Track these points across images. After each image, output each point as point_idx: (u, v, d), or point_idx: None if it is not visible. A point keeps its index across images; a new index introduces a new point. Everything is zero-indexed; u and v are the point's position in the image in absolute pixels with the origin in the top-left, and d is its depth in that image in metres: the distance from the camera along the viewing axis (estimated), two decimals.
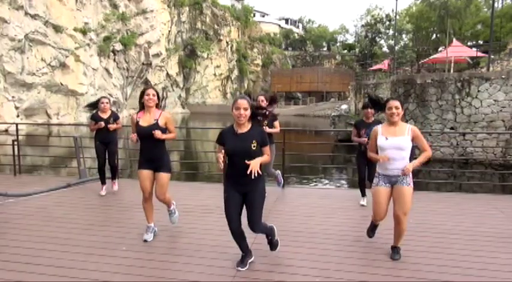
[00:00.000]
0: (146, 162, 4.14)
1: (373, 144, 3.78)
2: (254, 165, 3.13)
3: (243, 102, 3.22)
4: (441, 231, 4.55)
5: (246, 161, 3.15)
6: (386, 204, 3.71)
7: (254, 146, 3.24)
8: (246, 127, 3.30)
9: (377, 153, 3.73)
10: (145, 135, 4.04)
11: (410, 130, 3.61)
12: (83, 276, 3.36)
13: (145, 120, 4.08)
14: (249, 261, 3.56)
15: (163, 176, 4.14)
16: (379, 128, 3.73)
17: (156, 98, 4.09)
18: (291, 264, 3.65)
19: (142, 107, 4.14)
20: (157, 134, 3.99)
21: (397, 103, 3.60)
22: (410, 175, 3.63)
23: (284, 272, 3.48)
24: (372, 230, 4.03)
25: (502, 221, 4.98)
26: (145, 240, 4.15)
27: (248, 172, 3.12)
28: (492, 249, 4.01)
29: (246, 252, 3.55)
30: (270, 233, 3.61)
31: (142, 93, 4.09)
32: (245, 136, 3.27)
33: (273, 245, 3.67)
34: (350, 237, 4.33)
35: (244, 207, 3.43)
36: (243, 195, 3.38)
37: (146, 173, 4.13)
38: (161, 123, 4.09)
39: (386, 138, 3.60)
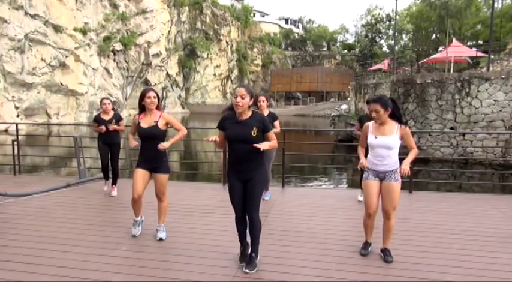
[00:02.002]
0: (145, 162, 4.17)
1: (363, 140, 3.87)
2: (263, 146, 3.17)
3: (241, 90, 3.27)
4: (441, 231, 4.55)
5: (254, 145, 3.18)
6: (377, 197, 3.74)
7: (254, 133, 3.28)
8: (246, 115, 3.34)
9: (367, 148, 3.83)
10: (145, 136, 4.10)
11: (399, 129, 3.64)
12: (84, 276, 3.35)
13: (146, 122, 4.13)
14: (250, 253, 3.50)
15: (162, 177, 4.17)
16: (370, 125, 3.77)
17: (156, 100, 4.14)
18: (292, 264, 3.64)
19: (142, 108, 4.17)
20: (162, 146, 4.04)
21: (376, 106, 3.58)
22: (398, 171, 3.68)
23: (286, 272, 3.48)
24: (364, 247, 3.89)
25: (502, 220, 4.98)
26: (133, 236, 4.24)
27: (256, 146, 3.16)
28: (492, 249, 4.01)
29: (244, 244, 3.57)
30: (257, 233, 3.44)
31: (143, 96, 4.10)
32: (245, 123, 3.31)
33: (252, 263, 3.43)
34: (351, 237, 4.33)
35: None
36: (244, 183, 3.42)
37: (142, 173, 4.15)
38: (161, 124, 4.12)
39: (376, 137, 3.66)
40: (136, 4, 45.51)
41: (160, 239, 4.15)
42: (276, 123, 5.98)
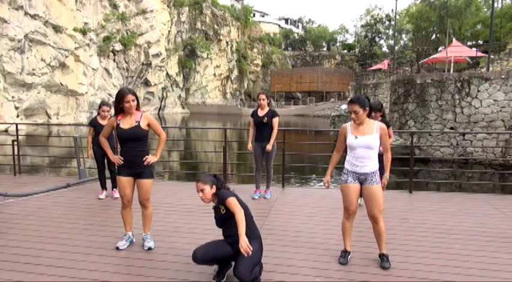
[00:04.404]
0: (127, 168, 3.90)
1: (340, 142, 3.75)
2: (245, 246, 2.99)
3: (198, 185, 3.29)
4: (441, 231, 4.54)
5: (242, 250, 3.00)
6: (356, 200, 3.67)
7: (223, 210, 3.28)
8: (214, 202, 3.34)
9: (345, 151, 3.73)
10: (126, 138, 3.85)
11: (378, 128, 3.58)
12: (82, 276, 3.34)
13: (126, 123, 3.85)
14: (227, 272, 3.36)
15: (146, 183, 3.93)
16: (348, 126, 3.67)
17: (135, 103, 3.84)
18: (291, 264, 3.64)
19: (120, 110, 3.87)
20: (149, 160, 3.89)
21: (355, 107, 3.52)
22: (378, 173, 3.62)
23: (285, 272, 3.47)
24: (343, 256, 3.74)
25: (502, 220, 4.97)
26: (117, 248, 3.93)
27: (245, 254, 3.01)
28: (493, 249, 4.00)
29: (222, 265, 3.36)
30: None
31: (121, 99, 3.79)
32: (217, 207, 3.32)
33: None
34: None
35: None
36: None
37: (126, 181, 3.91)
38: (143, 125, 3.87)
39: (356, 137, 3.57)
40: (136, 4, 45.49)
41: (149, 249, 3.94)
42: (275, 120, 5.85)
